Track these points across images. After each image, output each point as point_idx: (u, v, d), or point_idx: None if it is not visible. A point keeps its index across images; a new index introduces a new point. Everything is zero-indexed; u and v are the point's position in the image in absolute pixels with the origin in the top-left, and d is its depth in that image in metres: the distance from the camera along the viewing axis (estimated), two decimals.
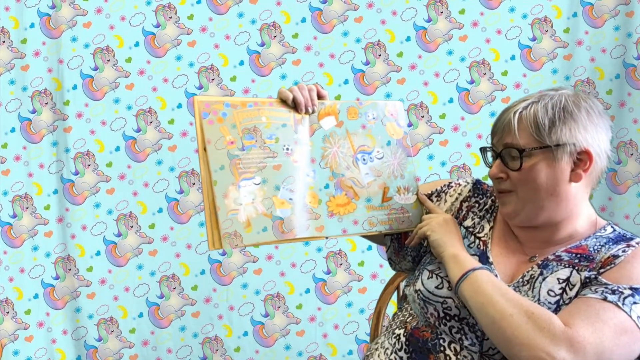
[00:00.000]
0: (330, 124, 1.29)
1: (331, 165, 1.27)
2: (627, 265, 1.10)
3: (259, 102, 1.25)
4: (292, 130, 1.25)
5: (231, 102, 1.23)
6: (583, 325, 1.03)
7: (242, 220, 1.16)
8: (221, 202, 1.15)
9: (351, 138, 1.29)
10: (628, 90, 2.33)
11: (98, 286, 2.35)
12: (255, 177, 1.19)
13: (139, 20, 2.36)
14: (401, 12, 2.36)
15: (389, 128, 1.33)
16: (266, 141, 1.22)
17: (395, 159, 1.32)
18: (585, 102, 1.17)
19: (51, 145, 2.36)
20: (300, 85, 1.28)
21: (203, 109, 1.20)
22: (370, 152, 1.30)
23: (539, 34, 2.35)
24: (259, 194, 1.18)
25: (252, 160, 1.20)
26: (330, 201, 1.25)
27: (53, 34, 2.35)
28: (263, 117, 1.23)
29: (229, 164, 1.18)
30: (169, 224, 2.36)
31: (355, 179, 1.27)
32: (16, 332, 2.33)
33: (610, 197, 2.34)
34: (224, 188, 1.16)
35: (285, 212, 1.19)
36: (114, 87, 2.36)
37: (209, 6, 2.37)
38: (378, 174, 1.29)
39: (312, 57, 2.36)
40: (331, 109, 1.30)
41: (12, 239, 2.34)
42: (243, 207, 1.16)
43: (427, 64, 2.36)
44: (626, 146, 2.33)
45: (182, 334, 2.37)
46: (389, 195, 1.29)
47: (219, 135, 1.20)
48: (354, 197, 1.27)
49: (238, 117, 1.22)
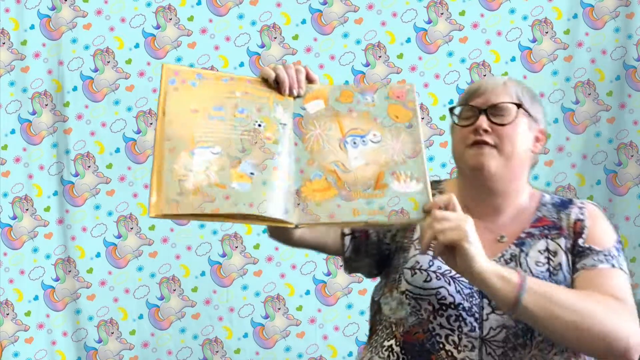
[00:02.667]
0: (316, 108, 1.16)
1: (312, 149, 1.13)
2: (595, 228, 1.22)
3: (235, 78, 1.16)
4: (269, 108, 1.13)
5: (204, 74, 1.14)
6: (622, 294, 1.13)
7: (189, 187, 1.03)
8: (169, 167, 1.04)
9: (340, 120, 1.15)
10: (628, 91, 2.33)
11: (98, 288, 2.35)
12: (214, 147, 1.07)
13: (139, 22, 2.36)
14: (401, 14, 2.36)
15: (393, 110, 1.17)
16: (236, 114, 1.11)
17: (397, 142, 1.14)
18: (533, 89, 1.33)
19: (51, 146, 2.36)
20: (287, 65, 1.17)
21: (171, 76, 1.11)
22: (365, 135, 1.14)
23: (539, 36, 2.35)
24: (215, 163, 1.06)
25: (215, 130, 1.09)
26: (305, 186, 1.09)
27: (53, 36, 2.35)
28: (237, 92, 1.13)
29: (186, 129, 1.07)
30: (169, 225, 2.36)
31: (339, 162, 1.12)
32: (16, 334, 2.33)
33: (610, 199, 2.34)
34: (175, 152, 1.05)
35: (243, 186, 1.05)
36: (114, 89, 2.36)
37: (209, 8, 2.37)
38: (372, 159, 1.12)
39: (312, 58, 2.36)
40: (320, 92, 1.18)
41: (12, 241, 2.34)
42: (193, 174, 1.04)
43: (427, 65, 2.36)
44: (626, 148, 2.33)
45: (182, 335, 2.37)
46: (383, 182, 1.11)
47: (182, 102, 1.10)
48: (335, 182, 1.10)
49: (209, 89, 1.12)
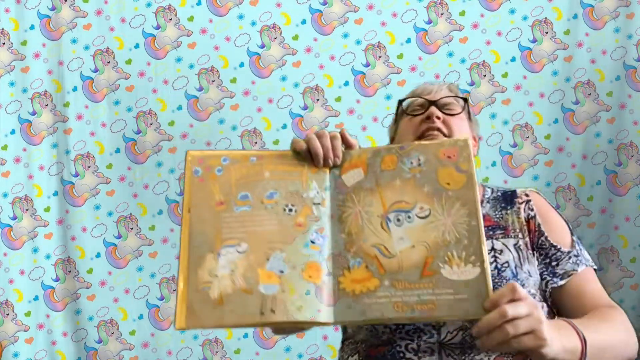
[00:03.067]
0: (355, 178, 1.03)
1: (350, 230, 0.99)
2: (550, 224, 1.25)
3: (265, 155, 1.06)
4: (302, 186, 1.03)
5: (230, 157, 1.05)
6: (609, 299, 1.22)
7: (213, 296, 0.95)
8: (194, 273, 0.97)
9: (382, 192, 1.01)
10: (628, 92, 2.33)
11: (98, 288, 2.35)
12: (241, 244, 0.99)
13: (139, 22, 2.36)
14: (401, 14, 2.36)
15: (443, 175, 1.01)
16: (264, 201, 1.02)
17: (448, 217, 0.98)
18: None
19: (51, 147, 2.36)
20: (320, 132, 1.06)
21: (195, 165, 1.04)
22: (410, 209, 0.99)
23: (539, 36, 2.35)
24: (241, 264, 0.97)
25: (241, 223, 1.00)
26: (343, 275, 0.97)
27: (53, 36, 2.35)
28: (266, 172, 1.04)
29: (213, 228, 1.00)
30: (169, 225, 2.36)
31: (382, 245, 0.97)
32: (16, 334, 2.33)
33: (610, 199, 2.34)
34: (200, 256, 0.98)
35: (270, 288, 0.96)
36: (114, 89, 2.36)
37: (209, 8, 2.37)
38: (419, 239, 0.97)
39: (312, 58, 2.36)
40: (359, 159, 1.04)
41: (12, 241, 2.34)
42: (218, 279, 0.96)
43: (427, 65, 2.36)
44: (627, 148, 2.33)
45: (182, 335, 2.37)
46: (433, 268, 0.95)
47: (207, 195, 1.02)
48: (377, 270, 0.96)
49: (235, 173, 1.04)
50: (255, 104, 2.36)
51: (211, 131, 2.36)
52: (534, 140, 2.35)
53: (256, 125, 2.36)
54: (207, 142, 2.36)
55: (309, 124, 2.36)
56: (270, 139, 2.36)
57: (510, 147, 2.35)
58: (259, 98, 2.36)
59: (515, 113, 2.35)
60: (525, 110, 2.35)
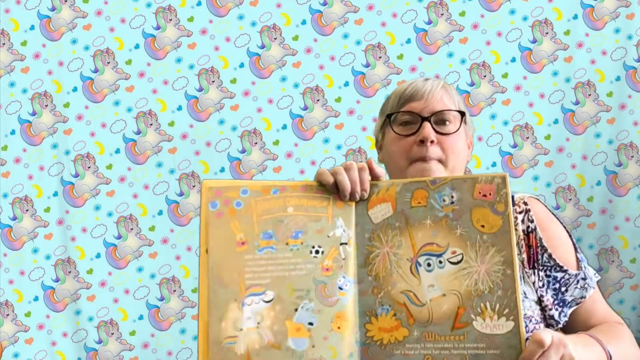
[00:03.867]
0: (383, 214, 0.97)
1: (378, 273, 0.94)
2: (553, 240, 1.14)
3: (287, 187, 0.98)
4: (327, 224, 0.96)
5: (250, 188, 0.97)
6: (616, 315, 1.19)
7: (239, 353, 0.90)
8: (216, 325, 0.91)
9: (412, 232, 0.94)
10: (628, 92, 2.33)
11: (98, 288, 2.35)
12: (267, 293, 0.92)
13: (139, 23, 2.36)
14: (401, 14, 2.36)
15: (478, 216, 0.94)
16: (289, 241, 0.95)
17: (482, 264, 0.92)
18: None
19: (51, 147, 2.36)
20: (348, 164, 0.99)
21: (212, 198, 0.96)
22: (442, 253, 0.93)
23: (540, 36, 2.34)
24: (267, 315, 0.91)
25: (266, 268, 0.93)
26: (370, 323, 0.92)
27: (53, 36, 2.35)
28: (289, 208, 0.96)
29: (235, 273, 0.93)
30: (169, 226, 2.36)
31: (411, 292, 0.92)
32: (16, 335, 2.33)
33: (610, 200, 2.34)
34: (223, 306, 0.92)
35: (300, 343, 0.90)
36: (114, 89, 2.36)
37: (209, 8, 2.37)
38: (450, 287, 0.91)
39: (313, 59, 2.36)
40: (387, 193, 0.97)
41: (12, 242, 2.34)
42: (244, 333, 0.91)
43: (427, 66, 2.35)
44: (627, 148, 2.33)
45: (182, 336, 2.37)
46: (464, 320, 0.90)
47: (227, 234, 0.95)
48: (406, 319, 0.91)
49: (256, 207, 0.96)
50: (255, 104, 2.36)
51: (211, 132, 2.36)
52: (534, 140, 2.35)
53: (256, 126, 2.36)
54: (207, 143, 2.36)
55: (309, 124, 2.36)
56: (271, 139, 2.36)
57: (510, 147, 2.35)
58: (259, 98, 2.36)
59: (515, 113, 2.35)
60: (525, 110, 2.35)
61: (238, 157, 2.36)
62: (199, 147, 2.36)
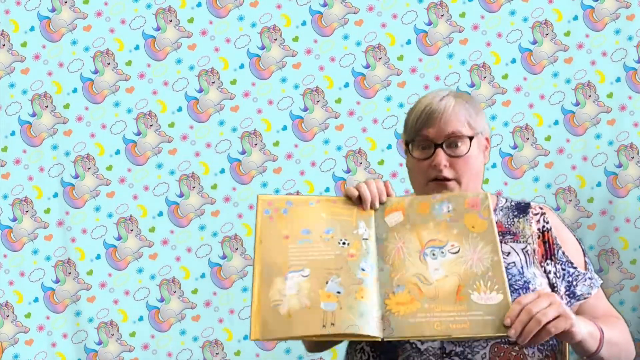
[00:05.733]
0: (396, 220, 1.22)
1: (393, 262, 1.18)
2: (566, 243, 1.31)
3: (322, 200, 1.26)
4: (352, 225, 1.22)
5: (294, 201, 1.26)
6: (616, 312, 1.32)
7: (283, 312, 1.12)
8: (265, 292, 1.14)
9: (419, 232, 1.20)
10: (629, 93, 2.33)
11: (98, 290, 2.35)
12: (304, 270, 1.17)
13: (139, 24, 2.36)
14: (401, 15, 2.36)
15: (469, 220, 1.21)
16: (322, 235, 1.21)
17: (474, 253, 1.16)
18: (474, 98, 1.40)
19: (51, 148, 2.36)
20: (369, 181, 1.26)
21: (265, 207, 1.24)
22: (443, 246, 1.18)
23: (540, 37, 2.34)
24: (304, 286, 1.15)
25: (304, 253, 1.19)
26: (389, 299, 1.13)
27: (53, 37, 2.35)
28: (323, 214, 1.23)
29: (280, 257, 1.18)
30: (169, 227, 2.36)
31: (421, 275, 1.15)
32: (16, 336, 2.33)
33: (610, 201, 2.34)
34: (271, 279, 1.16)
35: (330, 306, 1.12)
36: (114, 91, 2.36)
37: (209, 9, 2.37)
38: (451, 270, 1.15)
39: (313, 60, 2.36)
40: (399, 204, 1.24)
41: (12, 243, 2.34)
42: (287, 298, 1.13)
43: (427, 67, 2.35)
44: (627, 149, 2.33)
45: (182, 337, 2.37)
46: (464, 294, 1.12)
47: (275, 230, 1.21)
48: (418, 295, 1.13)
49: (298, 213, 1.23)
50: (255, 105, 2.36)
51: (211, 133, 2.36)
52: (534, 141, 2.35)
53: (256, 127, 2.36)
54: (207, 144, 2.36)
55: (309, 125, 2.36)
56: (271, 140, 2.36)
57: (510, 148, 2.35)
58: (259, 99, 2.36)
59: (516, 115, 2.35)
60: (525, 111, 2.35)
61: (238, 158, 2.36)
62: (199, 148, 2.36)
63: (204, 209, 2.36)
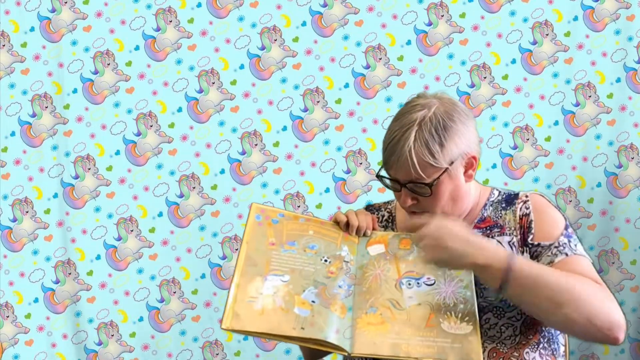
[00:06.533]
0: (377, 251, 1.28)
1: (370, 286, 1.22)
2: (542, 221, 1.27)
3: (312, 220, 1.32)
4: (337, 247, 1.27)
5: (285, 214, 1.32)
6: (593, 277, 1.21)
7: (256, 308, 1.16)
8: (243, 287, 1.19)
9: (398, 264, 1.25)
10: (629, 94, 2.33)
11: (98, 290, 2.35)
12: (284, 276, 1.21)
13: (139, 24, 2.36)
14: (402, 16, 2.36)
15: None
16: (306, 249, 1.26)
17: (449, 287, 1.20)
18: (454, 111, 1.26)
19: (51, 149, 2.36)
20: (360, 211, 1.33)
21: (257, 212, 1.30)
22: (419, 278, 1.22)
23: (540, 38, 2.34)
24: (282, 289, 1.19)
25: (286, 261, 1.23)
26: (361, 318, 1.17)
27: (53, 38, 2.35)
28: (310, 231, 1.29)
29: (263, 259, 1.23)
30: (169, 227, 2.36)
31: (395, 300, 1.19)
32: (16, 336, 2.33)
33: (611, 201, 2.34)
34: (251, 277, 1.20)
35: (303, 312, 1.17)
36: (114, 91, 2.36)
37: (209, 10, 2.36)
38: (424, 300, 1.19)
39: (313, 60, 2.36)
40: (382, 238, 1.30)
41: (12, 243, 2.34)
42: (263, 297, 1.18)
43: (427, 67, 2.36)
44: (627, 150, 2.33)
45: (182, 338, 2.37)
46: (434, 322, 1.16)
47: (263, 235, 1.26)
48: (389, 318, 1.17)
49: (287, 226, 1.28)
50: (255, 106, 2.36)
51: (211, 133, 2.36)
52: (534, 142, 2.35)
53: (256, 128, 2.36)
54: (207, 144, 2.36)
55: (309, 126, 2.36)
56: (271, 141, 2.36)
57: (510, 149, 2.35)
58: (259, 100, 2.36)
59: (516, 115, 2.35)
60: (525, 112, 2.35)
61: (238, 159, 2.36)
62: (199, 149, 2.36)
63: (204, 209, 2.36)
